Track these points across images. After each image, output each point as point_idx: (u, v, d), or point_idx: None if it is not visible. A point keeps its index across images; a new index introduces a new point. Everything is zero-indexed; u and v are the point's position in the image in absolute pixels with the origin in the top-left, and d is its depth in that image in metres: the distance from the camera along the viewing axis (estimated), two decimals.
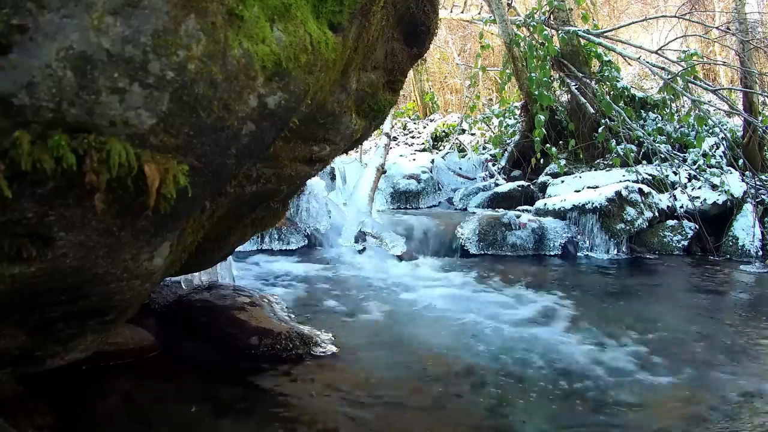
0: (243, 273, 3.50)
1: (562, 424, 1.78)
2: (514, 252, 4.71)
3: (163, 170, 0.88)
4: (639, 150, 6.04)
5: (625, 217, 4.84)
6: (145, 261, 1.11)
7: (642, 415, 1.86)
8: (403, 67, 1.82)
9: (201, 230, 1.39)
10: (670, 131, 6.27)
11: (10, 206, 0.81)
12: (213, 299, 2.53)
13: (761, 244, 4.93)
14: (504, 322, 2.81)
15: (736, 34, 6.11)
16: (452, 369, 2.18)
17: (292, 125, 1.18)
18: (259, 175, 1.46)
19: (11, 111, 0.74)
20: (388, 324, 2.73)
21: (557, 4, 6.54)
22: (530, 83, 6.19)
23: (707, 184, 5.50)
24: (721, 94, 6.30)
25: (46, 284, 0.98)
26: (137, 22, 0.80)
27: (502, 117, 7.83)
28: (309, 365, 2.14)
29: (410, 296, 3.25)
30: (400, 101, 10.96)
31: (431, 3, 1.77)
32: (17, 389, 1.57)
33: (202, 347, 2.25)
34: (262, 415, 1.75)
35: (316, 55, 1.08)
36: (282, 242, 4.46)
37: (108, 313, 1.22)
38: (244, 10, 0.91)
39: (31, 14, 0.73)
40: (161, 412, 1.74)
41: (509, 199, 6.24)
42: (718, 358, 2.40)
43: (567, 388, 2.04)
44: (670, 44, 7.53)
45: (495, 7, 6.39)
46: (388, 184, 6.77)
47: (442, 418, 1.79)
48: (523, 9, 8.20)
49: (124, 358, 2.03)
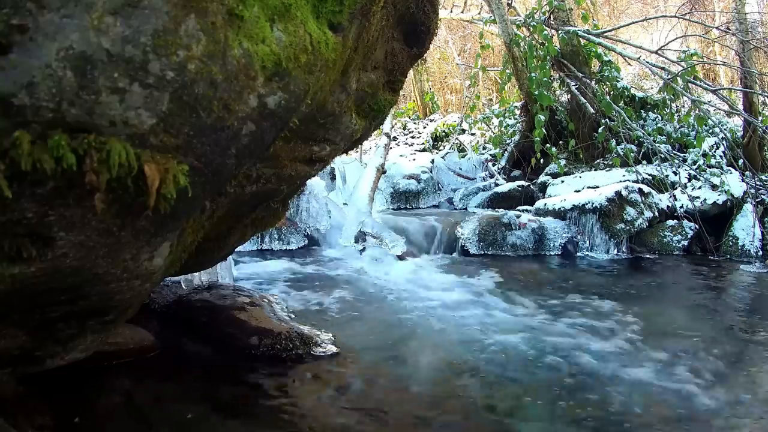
0: (243, 273, 3.50)
1: (562, 424, 1.78)
2: (514, 252, 4.71)
3: (163, 170, 0.88)
4: (639, 150, 6.03)
5: (625, 217, 4.84)
6: (145, 261, 1.11)
7: (641, 414, 1.86)
8: (403, 67, 1.82)
9: (201, 230, 1.39)
10: (670, 131, 6.27)
11: (10, 206, 0.81)
12: (213, 299, 2.53)
13: (761, 244, 4.93)
14: (504, 322, 2.81)
15: (736, 34, 6.10)
16: (452, 369, 2.19)
17: (292, 125, 1.18)
18: (259, 175, 1.46)
19: (11, 111, 0.74)
20: (388, 324, 2.73)
21: (557, 4, 6.54)
22: (530, 83, 6.19)
23: (707, 184, 5.50)
24: (721, 94, 6.30)
25: (46, 284, 0.98)
26: (137, 22, 0.80)
27: (502, 117, 7.83)
28: (309, 365, 2.14)
29: (410, 296, 3.25)
30: (400, 101, 10.96)
31: (431, 3, 1.77)
32: (17, 389, 1.57)
33: (202, 347, 2.26)
34: (262, 415, 1.75)
35: (316, 55, 1.08)
36: (282, 242, 4.46)
37: (108, 313, 1.22)
38: (244, 10, 0.91)
39: (31, 14, 0.73)
40: (161, 412, 1.74)
41: (509, 199, 6.24)
42: (717, 358, 2.40)
43: (566, 387, 2.04)
44: (670, 44, 7.52)
45: (495, 7, 6.39)
46: (388, 184, 6.77)
47: (442, 417, 1.79)
48: (523, 9, 8.20)
49: (124, 358, 2.03)
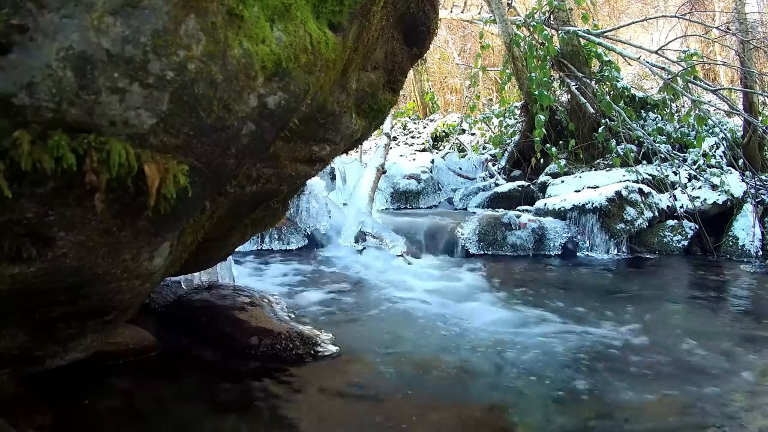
0: (243, 273, 3.50)
1: (562, 424, 1.78)
2: (514, 252, 4.71)
3: (163, 170, 0.88)
4: (639, 150, 6.03)
5: (625, 217, 4.84)
6: (145, 261, 1.11)
7: (640, 414, 1.86)
8: (403, 67, 1.82)
9: (201, 230, 1.39)
10: (670, 131, 6.27)
11: (10, 206, 0.81)
12: (213, 299, 2.53)
13: (761, 244, 4.93)
14: (504, 321, 2.81)
15: (736, 34, 6.11)
16: (453, 369, 2.18)
17: (292, 125, 1.18)
18: (259, 175, 1.46)
19: (11, 111, 0.74)
20: (388, 324, 2.73)
21: (557, 4, 6.54)
22: (530, 83, 6.19)
23: (707, 184, 5.50)
24: (721, 94, 6.30)
25: (46, 284, 0.98)
26: (137, 22, 0.80)
27: (502, 117, 7.83)
28: (309, 365, 2.14)
29: (410, 296, 3.25)
30: (400, 101, 10.96)
31: (431, 3, 1.77)
32: (17, 389, 1.57)
33: (203, 347, 2.25)
34: (262, 415, 1.75)
35: (316, 55, 1.08)
36: (282, 242, 4.46)
37: (108, 313, 1.22)
38: (244, 10, 0.91)
39: (31, 14, 0.73)
40: (161, 412, 1.74)
41: (509, 199, 6.24)
42: (717, 358, 2.40)
43: (566, 386, 2.04)
44: (670, 44, 7.52)
45: (495, 7, 6.39)
46: (388, 184, 6.77)
47: (442, 417, 1.78)
48: (523, 9, 8.20)
49: (124, 358, 2.03)
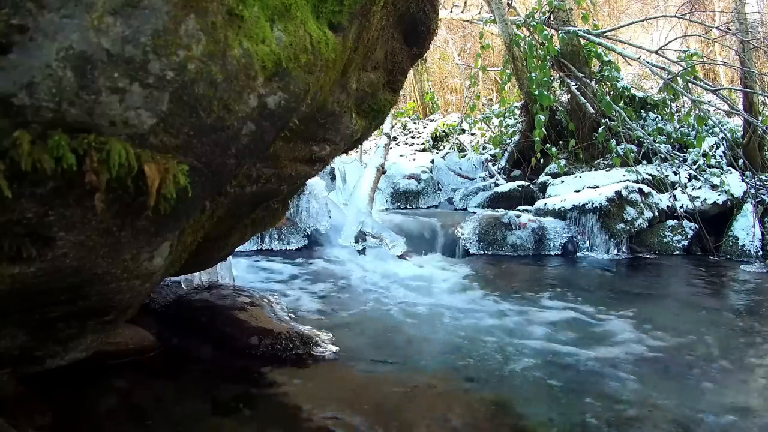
0: (243, 273, 3.50)
1: (564, 422, 1.78)
2: (514, 252, 4.71)
3: (163, 170, 0.88)
4: (639, 150, 6.03)
5: (625, 217, 4.83)
6: (145, 261, 1.11)
7: (641, 412, 1.86)
8: (403, 67, 1.82)
9: (201, 230, 1.39)
10: (670, 131, 6.27)
11: (10, 206, 0.81)
12: (213, 299, 2.53)
13: (761, 244, 4.93)
14: (504, 321, 2.81)
15: (736, 34, 6.10)
16: (453, 369, 2.18)
17: (292, 125, 1.18)
18: (259, 175, 1.46)
19: (11, 111, 0.74)
20: (388, 324, 2.73)
21: (557, 4, 6.54)
22: (530, 83, 6.19)
23: (707, 184, 5.50)
24: (721, 94, 6.30)
25: (46, 284, 0.98)
26: (137, 22, 0.80)
27: (502, 117, 7.82)
28: (309, 365, 2.14)
29: (410, 296, 3.25)
30: (400, 101, 10.95)
31: (431, 3, 1.77)
32: (17, 389, 1.57)
33: (202, 347, 2.26)
34: (262, 415, 1.75)
35: (316, 55, 1.08)
36: (282, 242, 4.46)
37: (108, 313, 1.22)
38: (244, 10, 0.91)
39: (31, 14, 0.73)
40: (161, 412, 1.74)
41: (509, 199, 6.24)
42: (717, 358, 2.40)
43: (565, 386, 2.04)
44: (670, 44, 7.52)
45: (495, 7, 6.39)
46: (388, 184, 6.77)
47: (442, 417, 1.78)
48: (523, 9, 8.20)
49: (124, 358, 2.03)
